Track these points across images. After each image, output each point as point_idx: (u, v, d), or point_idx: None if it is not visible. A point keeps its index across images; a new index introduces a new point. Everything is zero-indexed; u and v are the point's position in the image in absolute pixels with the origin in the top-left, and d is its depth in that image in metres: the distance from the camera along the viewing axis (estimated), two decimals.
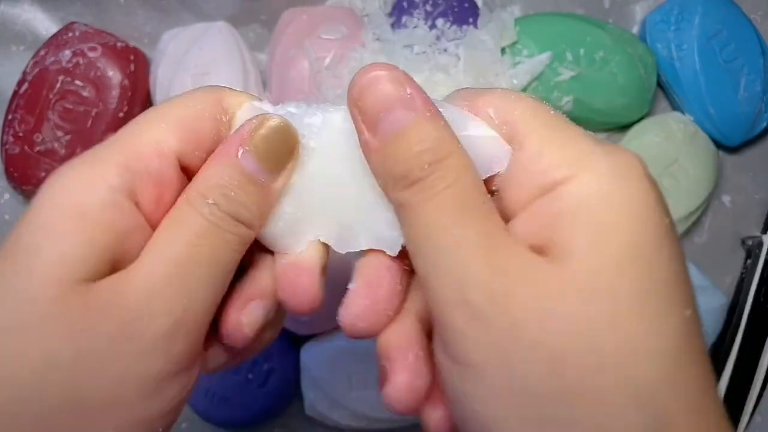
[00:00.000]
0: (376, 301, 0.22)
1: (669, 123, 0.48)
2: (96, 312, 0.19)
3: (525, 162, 0.20)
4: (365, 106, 0.21)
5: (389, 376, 0.22)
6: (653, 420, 0.17)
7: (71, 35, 0.46)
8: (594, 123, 0.49)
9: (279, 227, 0.23)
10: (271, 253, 0.24)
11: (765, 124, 0.50)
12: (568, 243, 0.19)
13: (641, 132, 0.48)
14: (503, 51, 0.46)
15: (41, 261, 0.19)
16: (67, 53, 0.45)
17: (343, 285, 0.24)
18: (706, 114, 0.48)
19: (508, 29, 0.46)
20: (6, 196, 0.49)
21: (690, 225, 0.49)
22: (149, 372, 0.20)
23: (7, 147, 0.45)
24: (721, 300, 0.48)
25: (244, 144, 0.21)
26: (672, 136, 0.48)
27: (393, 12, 0.47)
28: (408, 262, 0.22)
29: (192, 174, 0.22)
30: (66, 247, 0.19)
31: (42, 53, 0.46)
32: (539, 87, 0.46)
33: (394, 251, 0.22)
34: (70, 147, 0.45)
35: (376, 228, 0.23)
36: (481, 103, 0.22)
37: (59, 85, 0.45)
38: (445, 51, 0.46)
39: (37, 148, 0.45)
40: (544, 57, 0.46)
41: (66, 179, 0.20)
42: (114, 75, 0.45)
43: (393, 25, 0.46)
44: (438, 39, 0.46)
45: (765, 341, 0.50)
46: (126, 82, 0.46)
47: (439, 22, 0.46)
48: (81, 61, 0.45)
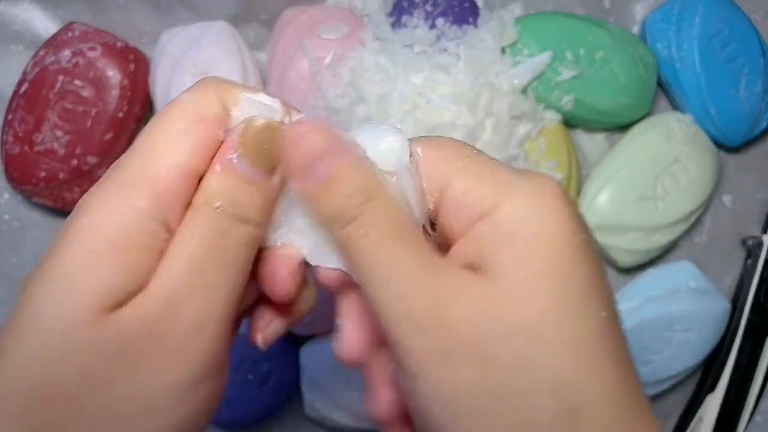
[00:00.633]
0: (366, 334, 0.25)
1: (669, 123, 0.48)
2: (124, 332, 0.20)
3: (458, 197, 0.22)
4: (296, 158, 0.23)
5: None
6: (568, 410, 0.20)
7: (71, 35, 0.46)
8: (594, 123, 0.49)
9: None
10: None
11: (765, 123, 0.50)
12: (495, 262, 0.21)
13: (642, 132, 0.48)
14: (503, 50, 0.46)
15: (78, 289, 0.20)
16: (67, 53, 0.45)
17: None
18: (706, 114, 0.48)
19: (508, 29, 0.46)
20: (6, 196, 0.49)
21: (690, 225, 0.49)
22: (179, 377, 0.21)
23: (7, 147, 0.45)
24: (724, 305, 0.48)
25: (236, 149, 0.22)
26: (672, 135, 0.48)
27: (393, 11, 0.46)
28: None
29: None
30: (100, 276, 0.20)
31: (41, 53, 0.46)
32: (540, 87, 0.46)
33: None
34: (69, 147, 0.45)
35: None
36: (415, 143, 0.24)
37: (59, 85, 0.45)
38: (446, 51, 0.46)
39: (37, 148, 0.45)
40: (544, 56, 0.46)
41: (97, 207, 0.22)
42: (114, 75, 0.45)
43: (393, 25, 0.46)
44: (438, 38, 0.46)
45: (765, 341, 0.50)
46: (126, 81, 0.45)
47: (440, 21, 0.46)
48: (80, 61, 0.45)
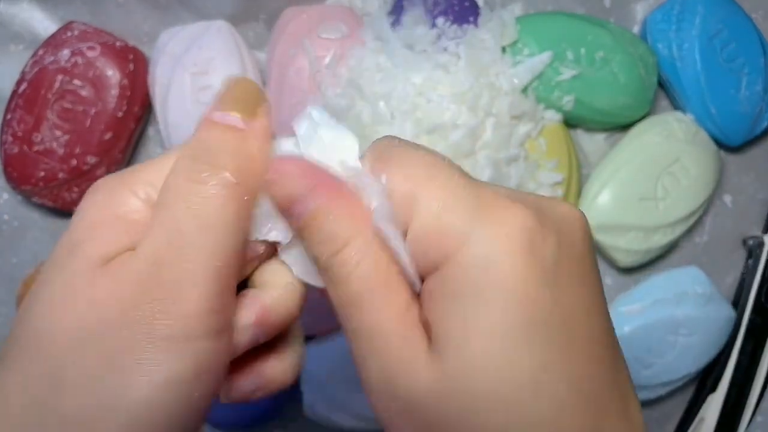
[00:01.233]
0: None
1: (670, 122, 0.48)
2: (109, 282, 0.21)
3: (418, 233, 0.21)
4: (277, 196, 0.22)
5: None
6: None
7: (70, 35, 0.46)
8: (595, 122, 0.49)
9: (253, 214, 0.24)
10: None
11: (766, 123, 0.50)
12: (444, 328, 0.20)
13: (642, 131, 0.48)
14: (504, 50, 0.46)
15: (84, 252, 0.22)
16: (66, 53, 0.45)
17: None
18: (707, 113, 0.48)
19: (508, 28, 0.46)
20: (5, 195, 0.49)
21: (691, 225, 0.49)
22: (170, 332, 0.20)
23: (6, 147, 0.45)
24: (729, 312, 0.48)
25: (216, 109, 0.23)
26: (673, 135, 0.48)
27: (393, 11, 0.46)
28: None
29: None
30: (103, 243, 0.22)
31: (40, 53, 0.46)
32: (540, 86, 0.46)
33: None
34: (68, 146, 0.45)
35: None
36: (382, 167, 0.22)
37: (58, 85, 0.45)
38: (446, 50, 0.45)
39: (36, 147, 0.45)
40: (544, 56, 0.46)
41: (103, 192, 0.24)
42: (113, 74, 0.45)
43: (393, 24, 0.46)
44: (438, 38, 0.46)
45: (766, 341, 0.50)
46: (125, 81, 0.45)
47: (440, 21, 0.46)
48: (80, 61, 0.45)
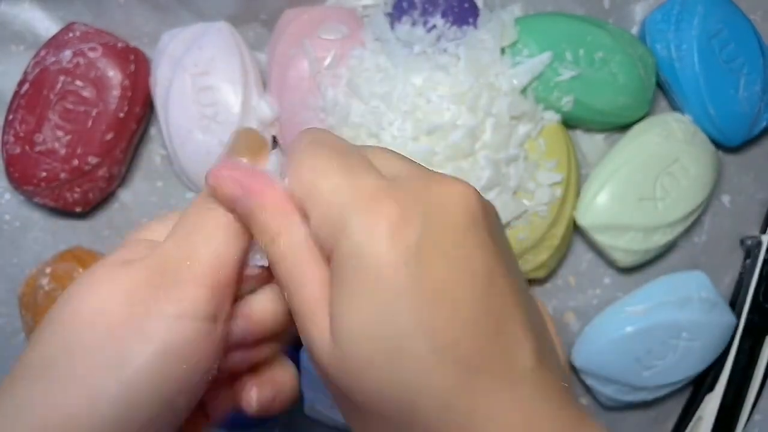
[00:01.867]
0: None
1: (669, 123, 0.49)
2: (130, 269, 0.26)
3: (314, 225, 0.25)
4: (219, 198, 0.27)
5: None
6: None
7: (71, 35, 0.46)
8: (594, 123, 0.49)
9: None
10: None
11: (765, 123, 0.50)
12: (334, 313, 0.24)
13: (641, 132, 0.49)
14: (503, 51, 0.46)
15: (107, 259, 0.27)
16: (68, 53, 0.45)
17: None
18: (705, 114, 0.49)
19: (508, 29, 0.46)
20: (6, 196, 0.49)
21: (690, 225, 0.49)
22: (177, 309, 0.25)
23: (8, 147, 0.45)
24: (731, 319, 0.49)
25: (228, 158, 0.28)
26: (672, 135, 0.48)
27: (393, 12, 0.47)
28: None
29: None
30: (124, 252, 0.27)
31: (42, 53, 0.46)
32: (539, 87, 0.46)
33: None
34: (70, 147, 0.45)
35: None
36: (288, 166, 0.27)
37: (60, 86, 0.45)
38: (445, 51, 0.46)
39: (38, 148, 0.45)
40: (544, 57, 0.46)
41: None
42: (114, 75, 0.45)
43: (393, 25, 0.46)
44: (438, 39, 0.46)
45: (763, 340, 0.50)
46: (126, 82, 0.46)
47: (439, 22, 0.46)
48: (81, 61, 0.45)
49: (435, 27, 0.46)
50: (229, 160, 0.28)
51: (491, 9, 0.48)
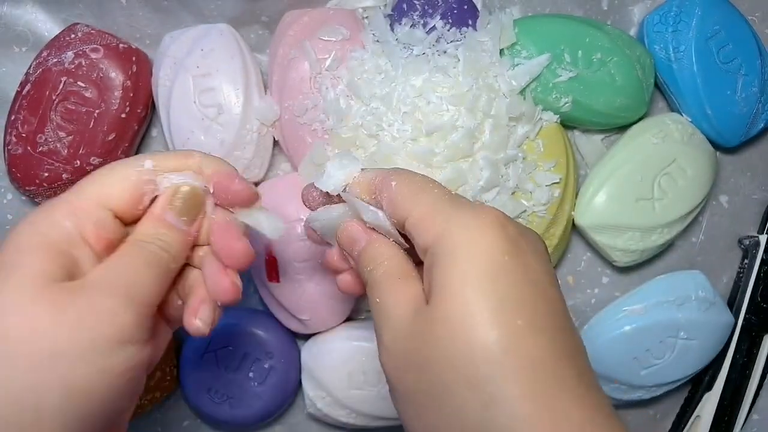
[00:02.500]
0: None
1: (667, 124, 0.49)
2: (69, 296, 0.27)
3: (415, 226, 0.29)
4: (343, 243, 0.34)
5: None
6: (482, 403, 0.25)
7: (73, 36, 0.46)
8: (592, 124, 0.49)
9: None
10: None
11: (762, 124, 0.50)
12: (433, 287, 0.27)
13: (639, 133, 0.49)
14: (502, 52, 0.47)
15: (23, 272, 0.27)
16: (70, 54, 0.45)
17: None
18: (703, 115, 0.49)
19: (506, 31, 0.46)
20: (9, 196, 0.49)
21: (687, 225, 0.49)
22: (103, 334, 0.27)
23: (10, 147, 0.46)
24: (729, 319, 0.49)
25: (165, 207, 0.31)
26: (670, 136, 0.48)
27: (393, 14, 0.47)
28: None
29: (125, 220, 0.31)
30: (38, 263, 0.28)
31: (44, 54, 0.46)
32: (538, 88, 0.47)
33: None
34: (72, 147, 0.45)
35: None
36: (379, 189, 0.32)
37: (62, 86, 0.45)
38: (445, 53, 0.46)
39: (40, 148, 0.45)
40: (542, 58, 0.46)
41: (36, 219, 0.29)
42: (116, 76, 0.46)
43: (393, 27, 0.47)
44: (437, 41, 0.46)
45: (761, 340, 0.51)
46: (128, 83, 0.46)
47: (439, 23, 0.46)
48: (83, 62, 0.45)
49: (434, 29, 0.46)
50: (173, 215, 0.31)
51: (490, 11, 0.48)
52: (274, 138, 0.48)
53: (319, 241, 0.36)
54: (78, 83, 0.45)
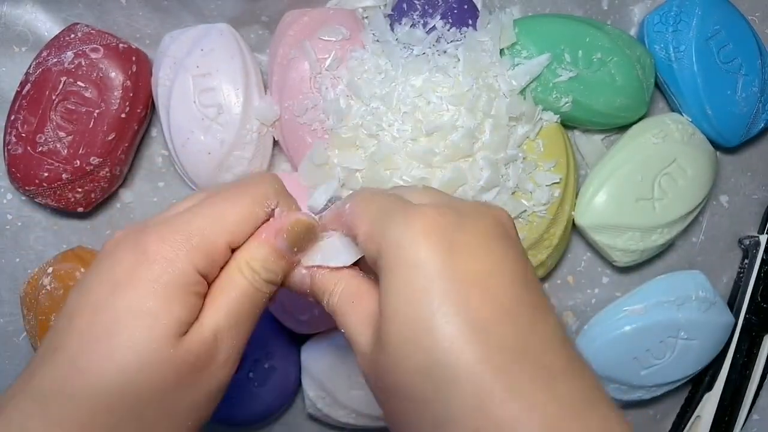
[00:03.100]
0: None
1: (667, 124, 0.49)
2: (186, 353, 0.28)
3: (363, 243, 0.29)
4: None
5: None
6: (434, 387, 0.24)
7: (73, 36, 0.46)
8: (592, 124, 0.49)
9: None
10: None
11: (762, 124, 0.50)
12: (381, 307, 0.27)
13: (639, 132, 0.49)
14: (502, 52, 0.47)
15: (158, 323, 0.27)
16: (69, 54, 0.45)
17: None
18: (703, 115, 0.49)
19: (506, 30, 0.46)
20: (9, 196, 0.49)
21: (687, 225, 0.49)
22: (219, 384, 0.29)
23: (10, 147, 0.46)
24: (729, 319, 0.49)
25: (281, 232, 0.31)
26: (670, 136, 0.48)
27: (393, 14, 0.47)
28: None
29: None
30: (169, 316, 0.28)
31: (44, 54, 0.46)
32: (538, 88, 0.47)
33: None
34: (72, 147, 0.45)
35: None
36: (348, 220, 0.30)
37: (61, 86, 0.45)
38: (445, 52, 0.46)
39: (40, 148, 0.45)
40: (542, 58, 0.46)
41: (150, 258, 0.28)
42: (116, 76, 0.46)
43: (393, 27, 0.47)
44: (437, 40, 0.46)
45: (762, 340, 0.51)
46: (128, 83, 0.46)
47: (439, 23, 0.46)
48: (83, 62, 0.45)
49: (434, 28, 0.46)
50: (284, 242, 0.31)
51: (490, 10, 0.48)
52: (274, 138, 0.48)
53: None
54: (78, 83, 0.45)
